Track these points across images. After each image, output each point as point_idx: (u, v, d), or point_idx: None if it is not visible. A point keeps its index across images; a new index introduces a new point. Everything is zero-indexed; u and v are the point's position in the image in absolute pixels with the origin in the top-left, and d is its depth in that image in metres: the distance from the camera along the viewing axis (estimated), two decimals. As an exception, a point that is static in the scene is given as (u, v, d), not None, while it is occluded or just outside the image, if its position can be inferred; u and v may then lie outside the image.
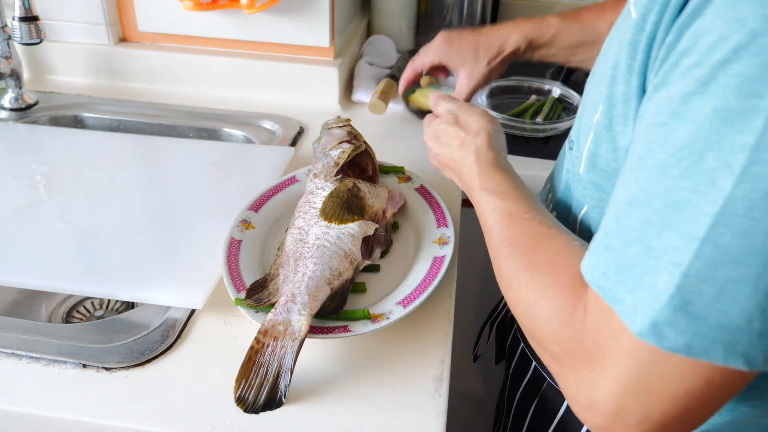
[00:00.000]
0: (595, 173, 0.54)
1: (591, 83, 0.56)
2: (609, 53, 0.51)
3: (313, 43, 1.09)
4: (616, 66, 0.48)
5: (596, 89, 0.53)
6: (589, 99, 0.55)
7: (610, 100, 0.49)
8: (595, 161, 0.53)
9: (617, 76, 0.48)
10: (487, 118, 0.69)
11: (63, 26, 1.13)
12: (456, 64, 0.88)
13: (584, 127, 0.55)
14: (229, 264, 0.69)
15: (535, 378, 0.69)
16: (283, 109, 1.09)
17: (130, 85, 1.16)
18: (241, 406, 0.57)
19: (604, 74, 0.51)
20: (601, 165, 0.53)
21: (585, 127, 0.55)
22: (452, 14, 1.31)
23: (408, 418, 0.58)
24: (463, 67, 0.88)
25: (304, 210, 0.72)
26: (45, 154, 0.93)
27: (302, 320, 0.60)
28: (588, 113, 0.54)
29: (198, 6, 1.04)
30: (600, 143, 0.52)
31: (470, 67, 0.87)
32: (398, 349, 0.65)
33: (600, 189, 0.54)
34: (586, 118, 0.55)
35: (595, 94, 0.53)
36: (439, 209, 0.79)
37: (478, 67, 0.87)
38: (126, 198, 0.84)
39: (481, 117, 0.69)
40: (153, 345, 0.64)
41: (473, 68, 0.87)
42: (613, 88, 0.48)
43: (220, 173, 0.90)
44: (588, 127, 0.54)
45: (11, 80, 1.06)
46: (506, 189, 0.60)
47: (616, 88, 0.48)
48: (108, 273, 0.71)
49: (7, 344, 0.64)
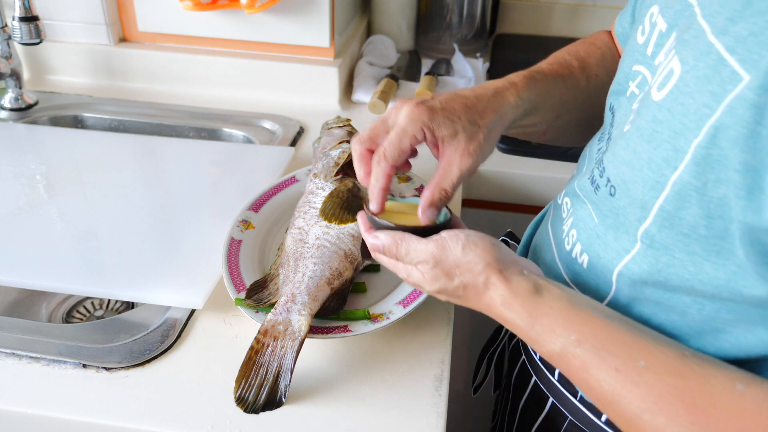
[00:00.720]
0: (669, 235, 0.46)
1: (645, 129, 0.48)
2: (688, 103, 0.43)
3: (313, 43, 1.09)
4: (720, 127, 0.41)
5: (665, 140, 0.45)
6: (649, 148, 0.47)
7: (707, 162, 0.42)
8: (673, 222, 0.46)
9: (722, 138, 0.41)
10: (481, 247, 0.54)
11: (63, 26, 1.13)
12: (446, 135, 0.58)
13: (648, 179, 0.47)
14: (229, 264, 0.70)
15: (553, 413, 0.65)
16: (283, 109, 1.09)
17: (130, 85, 1.16)
18: (241, 406, 0.57)
19: (681, 126, 0.44)
20: (683, 229, 0.45)
21: (650, 180, 0.46)
22: (452, 14, 1.31)
23: (408, 418, 0.58)
24: (455, 139, 0.58)
25: (304, 210, 0.72)
26: (45, 154, 0.93)
27: (302, 320, 0.60)
28: (655, 165, 0.46)
29: (198, 6, 1.04)
30: (686, 206, 0.44)
31: (465, 139, 0.58)
32: (398, 349, 0.65)
33: (670, 252, 0.47)
34: (652, 170, 0.46)
35: (667, 147, 0.45)
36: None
37: (476, 140, 0.59)
38: (126, 198, 0.84)
39: (472, 250, 0.53)
40: (153, 345, 0.64)
41: (469, 142, 0.58)
42: (711, 150, 0.41)
43: (220, 173, 0.90)
44: (659, 182, 0.46)
45: (11, 80, 1.06)
46: (579, 330, 0.48)
47: (721, 152, 0.41)
48: (108, 273, 0.71)
49: (7, 344, 0.64)
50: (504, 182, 0.98)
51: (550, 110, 0.67)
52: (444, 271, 0.54)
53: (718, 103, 0.41)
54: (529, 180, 0.98)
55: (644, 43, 0.54)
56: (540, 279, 0.53)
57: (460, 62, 1.24)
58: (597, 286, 0.56)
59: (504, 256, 0.54)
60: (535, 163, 0.99)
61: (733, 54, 0.41)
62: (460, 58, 1.24)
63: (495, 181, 0.98)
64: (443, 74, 1.21)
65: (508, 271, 0.53)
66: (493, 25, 1.40)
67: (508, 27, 1.45)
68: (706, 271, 0.46)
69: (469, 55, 1.30)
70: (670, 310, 0.50)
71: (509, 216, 1.02)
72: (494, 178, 0.98)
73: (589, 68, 0.70)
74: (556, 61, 0.70)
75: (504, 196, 1.00)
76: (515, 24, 1.45)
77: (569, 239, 0.60)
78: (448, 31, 1.32)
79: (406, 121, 0.58)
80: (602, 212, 0.54)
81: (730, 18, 0.42)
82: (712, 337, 0.48)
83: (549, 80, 0.66)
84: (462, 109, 0.59)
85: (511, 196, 1.00)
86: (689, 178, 0.44)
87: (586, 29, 1.42)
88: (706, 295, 0.47)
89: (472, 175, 0.60)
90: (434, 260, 0.54)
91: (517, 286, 0.52)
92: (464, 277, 0.53)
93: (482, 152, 0.60)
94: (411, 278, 0.57)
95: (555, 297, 0.51)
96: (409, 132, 0.58)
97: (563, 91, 0.67)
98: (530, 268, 0.54)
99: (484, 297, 0.53)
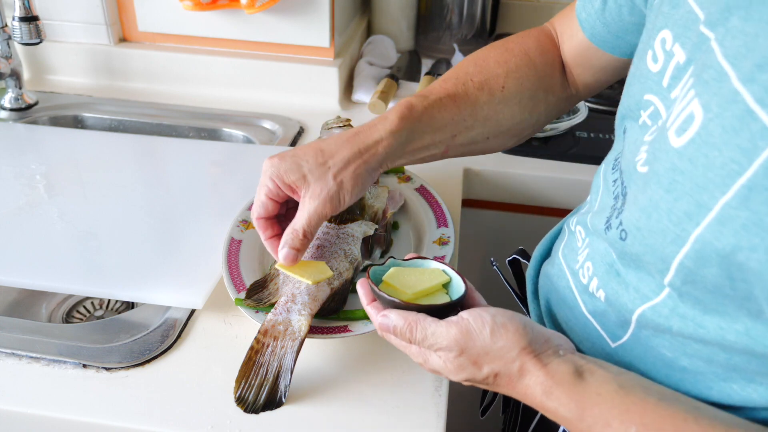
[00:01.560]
0: (695, 289, 0.43)
1: (664, 178, 0.44)
2: (713, 156, 0.40)
3: (313, 43, 1.09)
4: (754, 188, 0.38)
5: (686, 193, 0.42)
6: (669, 198, 0.43)
7: (737, 223, 0.39)
8: (694, 279, 0.42)
9: (756, 200, 0.38)
10: (512, 331, 0.49)
11: (63, 26, 1.13)
12: (294, 180, 0.59)
13: (668, 231, 0.43)
14: (229, 264, 0.69)
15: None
16: (283, 109, 1.09)
17: (130, 85, 1.16)
18: (241, 406, 0.57)
19: (705, 180, 0.40)
20: (707, 286, 0.42)
21: (671, 233, 0.43)
22: (452, 14, 1.31)
23: (408, 418, 0.58)
24: (305, 183, 0.58)
25: (304, 210, 0.72)
26: (45, 154, 0.93)
27: (302, 320, 0.60)
28: (675, 218, 0.43)
29: (198, 6, 1.04)
30: (707, 265, 0.41)
31: (313, 182, 0.58)
32: (398, 350, 0.65)
33: (700, 305, 0.44)
34: (672, 222, 0.43)
35: (688, 200, 0.42)
36: (439, 209, 0.79)
37: (323, 180, 0.58)
38: (126, 198, 0.84)
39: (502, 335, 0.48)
40: (153, 345, 0.64)
41: (317, 183, 0.58)
42: (741, 212, 0.38)
43: (220, 173, 0.90)
44: (679, 237, 0.42)
45: (11, 80, 1.06)
46: (639, 422, 0.44)
47: (755, 216, 0.38)
48: (108, 273, 0.71)
49: (7, 344, 0.64)
50: (504, 182, 0.98)
51: (440, 132, 0.65)
52: (471, 360, 0.48)
53: (750, 161, 0.38)
54: (529, 180, 0.98)
55: (659, 73, 0.49)
56: (579, 359, 0.48)
57: (460, 62, 1.23)
58: (616, 324, 0.53)
59: (537, 336, 0.49)
60: (535, 163, 0.99)
61: (764, 106, 0.37)
62: (460, 58, 1.24)
63: (495, 181, 0.98)
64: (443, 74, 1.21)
65: (545, 355, 0.48)
66: (493, 25, 1.40)
67: (508, 27, 1.45)
68: (742, 321, 0.42)
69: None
70: (695, 355, 0.47)
71: (509, 216, 1.02)
72: (494, 178, 0.98)
73: (494, 82, 0.67)
74: (453, 76, 0.68)
75: (504, 196, 1.00)
76: (515, 24, 1.45)
77: (584, 272, 0.57)
78: (448, 31, 1.32)
79: (262, 176, 0.60)
80: (618, 252, 0.51)
81: (758, 64, 0.38)
82: (739, 386, 0.45)
83: (433, 104, 0.64)
84: (312, 153, 0.59)
85: (511, 196, 1.00)
86: (711, 238, 0.40)
87: (586, 29, 1.42)
88: (738, 347, 0.43)
89: (325, 215, 0.59)
90: (459, 348, 0.48)
91: (556, 370, 0.47)
92: (495, 365, 0.48)
93: (330, 192, 0.58)
94: (429, 364, 0.51)
95: (601, 381, 0.46)
96: (263, 184, 0.60)
97: (453, 112, 0.65)
98: (565, 345, 0.50)
99: (518, 386, 0.48)
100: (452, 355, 0.49)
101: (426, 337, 0.50)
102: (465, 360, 0.49)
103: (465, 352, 0.48)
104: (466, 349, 0.48)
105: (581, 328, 0.57)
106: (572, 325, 0.59)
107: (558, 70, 0.71)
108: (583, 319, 0.57)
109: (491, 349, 0.48)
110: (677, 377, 0.49)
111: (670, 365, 0.49)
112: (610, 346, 0.54)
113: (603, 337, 0.55)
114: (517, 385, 0.48)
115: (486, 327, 0.48)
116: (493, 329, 0.48)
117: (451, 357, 0.49)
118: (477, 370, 0.49)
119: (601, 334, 0.55)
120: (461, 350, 0.48)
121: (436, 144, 0.65)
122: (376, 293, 0.54)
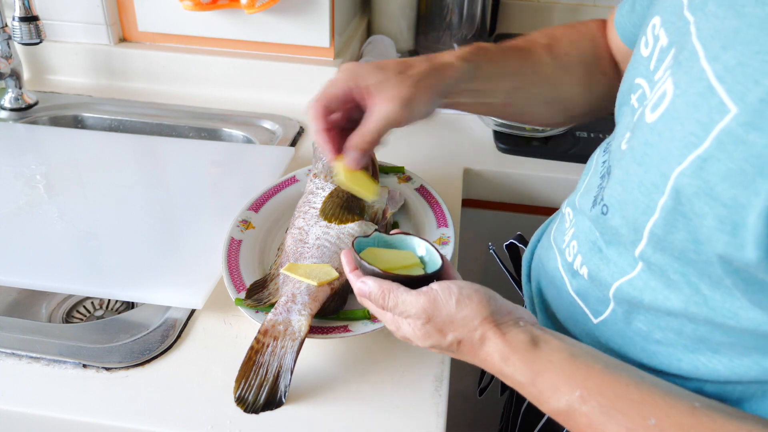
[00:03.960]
0: (662, 257, 0.47)
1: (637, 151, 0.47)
2: (676, 129, 0.43)
3: (313, 43, 1.09)
4: (708, 159, 0.40)
5: (654, 165, 0.45)
6: (640, 170, 0.47)
7: (691, 191, 0.42)
8: (663, 246, 0.46)
9: (709, 170, 0.40)
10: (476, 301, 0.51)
11: (63, 26, 1.13)
12: (371, 84, 0.59)
13: (639, 202, 0.47)
14: (229, 264, 0.69)
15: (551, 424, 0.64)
16: (283, 109, 1.09)
17: (130, 85, 1.16)
18: (241, 406, 0.57)
19: (667, 152, 0.43)
20: (673, 252, 0.45)
21: (641, 204, 0.46)
22: (452, 14, 1.31)
23: (408, 418, 0.58)
24: (381, 87, 0.59)
25: (304, 210, 0.72)
26: (45, 154, 0.93)
27: (302, 320, 0.60)
28: (645, 189, 0.46)
29: (198, 6, 1.04)
30: (673, 231, 0.44)
31: (390, 87, 0.59)
32: (398, 349, 0.65)
33: (666, 274, 0.47)
34: (642, 193, 0.46)
35: (655, 171, 0.45)
36: (439, 209, 0.79)
37: (402, 86, 0.59)
38: (126, 198, 0.84)
39: (466, 305, 0.51)
40: (153, 345, 0.64)
41: (394, 89, 0.59)
42: (695, 180, 0.41)
43: (220, 173, 0.90)
44: (649, 207, 0.46)
45: (11, 80, 1.06)
46: (584, 386, 0.46)
47: (706, 185, 0.40)
48: (108, 273, 0.71)
49: (7, 344, 0.64)
50: (504, 182, 0.98)
51: (505, 78, 0.66)
52: (437, 328, 0.51)
53: (706, 133, 0.40)
54: (529, 180, 0.98)
55: (648, 57, 0.52)
56: (537, 330, 0.51)
57: (460, 62, 1.23)
58: (597, 300, 0.56)
59: (499, 308, 0.52)
60: (535, 163, 0.99)
61: (722, 83, 0.40)
62: (460, 58, 1.24)
63: (495, 181, 0.98)
64: None
65: (505, 325, 0.50)
66: (493, 25, 1.40)
67: (508, 27, 1.45)
68: (702, 293, 0.45)
69: (469, 55, 1.30)
70: (666, 327, 0.50)
71: (509, 216, 1.02)
72: (494, 178, 0.98)
73: (558, 47, 0.70)
74: (521, 38, 0.71)
75: (504, 196, 1.00)
76: (515, 24, 1.45)
77: (570, 250, 0.59)
78: (448, 31, 1.32)
79: (338, 73, 0.61)
80: (601, 229, 0.54)
81: (723, 45, 0.41)
82: (706, 357, 0.48)
83: (502, 50, 0.67)
84: (393, 64, 0.61)
85: (511, 196, 1.00)
86: (674, 204, 0.43)
87: (586, 29, 1.42)
88: (700, 318, 0.46)
89: (395, 121, 0.59)
90: (426, 316, 0.51)
91: (513, 339, 0.49)
92: (458, 332, 0.51)
93: (407, 98, 0.58)
94: (400, 331, 0.54)
95: (554, 349, 0.49)
96: (338, 80, 0.60)
97: (520, 62, 0.67)
98: (526, 318, 0.52)
99: (480, 353, 0.51)
100: (420, 322, 0.51)
101: (397, 305, 0.52)
102: (431, 327, 0.51)
103: (432, 320, 0.51)
104: (432, 317, 0.51)
105: (566, 307, 0.60)
106: (558, 305, 0.62)
107: (612, 57, 0.73)
108: (568, 298, 0.59)
109: (455, 318, 0.50)
110: (652, 350, 0.52)
111: (646, 338, 0.52)
112: (593, 323, 0.57)
113: (586, 314, 0.57)
114: (479, 352, 0.51)
115: (452, 297, 0.51)
116: (458, 300, 0.51)
117: (419, 324, 0.52)
118: (442, 338, 0.51)
119: (585, 311, 0.57)
120: (428, 318, 0.51)
121: (499, 91, 0.67)
122: (357, 261, 0.56)
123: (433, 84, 0.61)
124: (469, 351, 0.51)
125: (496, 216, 1.03)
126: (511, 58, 0.67)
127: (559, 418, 0.48)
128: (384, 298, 0.53)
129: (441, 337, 0.51)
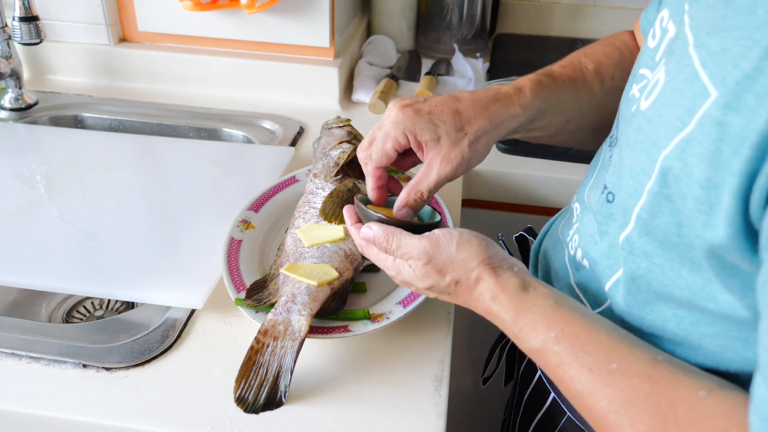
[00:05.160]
0: (647, 241, 0.48)
1: (631, 138, 0.49)
2: (665, 115, 0.44)
3: (313, 43, 1.09)
4: (690, 142, 0.41)
5: (644, 150, 0.46)
6: (631, 156, 0.48)
7: (673, 174, 0.43)
8: (649, 230, 0.47)
9: (689, 153, 0.41)
10: (475, 244, 0.54)
11: (63, 26, 1.13)
12: (428, 140, 0.59)
13: (629, 186, 0.48)
14: (229, 264, 0.69)
15: (553, 409, 0.66)
16: (283, 109, 1.09)
17: (130, 85, 1.16)
18: (241, 406, 0.57)
19: (656, 137, 0.45)
20: (657, 236, 0.47)
21: (630, 188, 0.48)
22: (452, 14, 1.31)
23: (408, 418, 0.58)
24: (438, 144, 0.59)
25: (304, 210, 0.72)
26: (45, 154, 0.93)
27: (302, 320, 0.60)
28: (635, 174, 0.48)
29: (198, 6, 1.04)
30: (658, 214, 0.46)
31: (448, 145, 0.59)
32: (398, 349, 0.65)
33: (649, 259, 0.48)
34: (632, 178, 0.48)
35: (645, 157, 0.46)
36: (439, 209, 0.79)
37: (459, 147, 0.59)
38: (126, 198, 0.84)
39: (466, 247, 0.54)
40: (153, 345, 0.64)
41: (452, 148, 0.59)
42: (676, 163, 0.42)
43: (220, 173, 0.90)
44: (637, 190, 0.47)
45: (11, 80, 1.06)
46: (559, 329, 0.49)
47: (685, 167, 0.42)
48: (108, 273, 0.71)
49: (7, 344, 0.64)
50: (504, 182, 0.98)
51: (559, 114, 0.65)
52: (436, 268, 0.54)
53: (690, 117, 0.41)
54: (529, 180, 0.98)
55: (654, 48, 0.53)
56: (528, 276, 0.54)
57: (460, 62, 1.23)
58: (596, 293, 0.57)
59: (496, 253, 0.55)
60: (534, 163, 0.99)
61: (705, 68, 0.41)
62: (460, 58, 1.24)
63: (495, 181, 0.98)
64: (443, 74, 1.21)
65: (500, 268, 0.53)
66: (493, 25, 1.40)
67: (508, 27, 1.45)
68: (683, 276, 0.46)
69: (469, 55, 1.30)
70: (654, 320, 0.51)
71: (509, 216, 1.02)
72: (494, 178, 0.98)
73: (605, 71, 0.69)
74: (570, 63, 0.69)
75: (504, 196, 1.00)
76: (515, 24, 1.45)
77: (573, 244, 0.61)
78: (448, 31, 1.32)
79: (390, 125, 0.60)
80: (599, 219, 0.55)
81: (708, 32, 0.42)
82: (693, 350, 0.49)
83: (559, 85, 0.65)
84: (450, 114, 0.59)
85: (511, 196, 1.00)
86: (659, 188, 0.45)
87: (587, 29, 1.42)
88: (684, 303, 0.47)
89: (451, 179, 0.60)
90: (427, 257, 0.54)
91: (506, 281, 0.53)
92: (456, 273, 0.54)
93: (465, 159, 0.59)
94: (401, 275, 0.56)
95: (541, 295, 0.52)
96: (392, 135, 0.59)
97: (574, 96, 0.66)
98: (520, 266, 0.55)
99: (474, 292, 0.54)
100: (420, 263, 0.54)
101: (399, 246, 0.55)
102: (431, 268, 0.54)
103: (432, 260, 0.54)
104: (433, 258, 0.54)
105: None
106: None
107: None
108: (570, 290, 0.60)
109: (455, 259, 0.54)
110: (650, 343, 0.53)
111: (639, 332, 0.53)
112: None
113: (586, 305, 0.59)
114: (473, 292, 0.54)
115: (453, 240, 0.54)
116: (459, 242, 0.54)
117: (419, 265, 0.54)
118: (441, 278, 0.54)
119: (585, 303, 0.59)
120: (429, 259, 0.54)
121: (551, 126, 0.66)
122: (363, 210, 0.59)
123: (491, 140, 0.61)
124: (465, 291, 0.54)
125: (496, 216, 1.03)
126: (566, 93, 0.66)
127: (532, 355, 0.51)
128: (388, 240, 0.56)
129: (440, 277, 0.54)
